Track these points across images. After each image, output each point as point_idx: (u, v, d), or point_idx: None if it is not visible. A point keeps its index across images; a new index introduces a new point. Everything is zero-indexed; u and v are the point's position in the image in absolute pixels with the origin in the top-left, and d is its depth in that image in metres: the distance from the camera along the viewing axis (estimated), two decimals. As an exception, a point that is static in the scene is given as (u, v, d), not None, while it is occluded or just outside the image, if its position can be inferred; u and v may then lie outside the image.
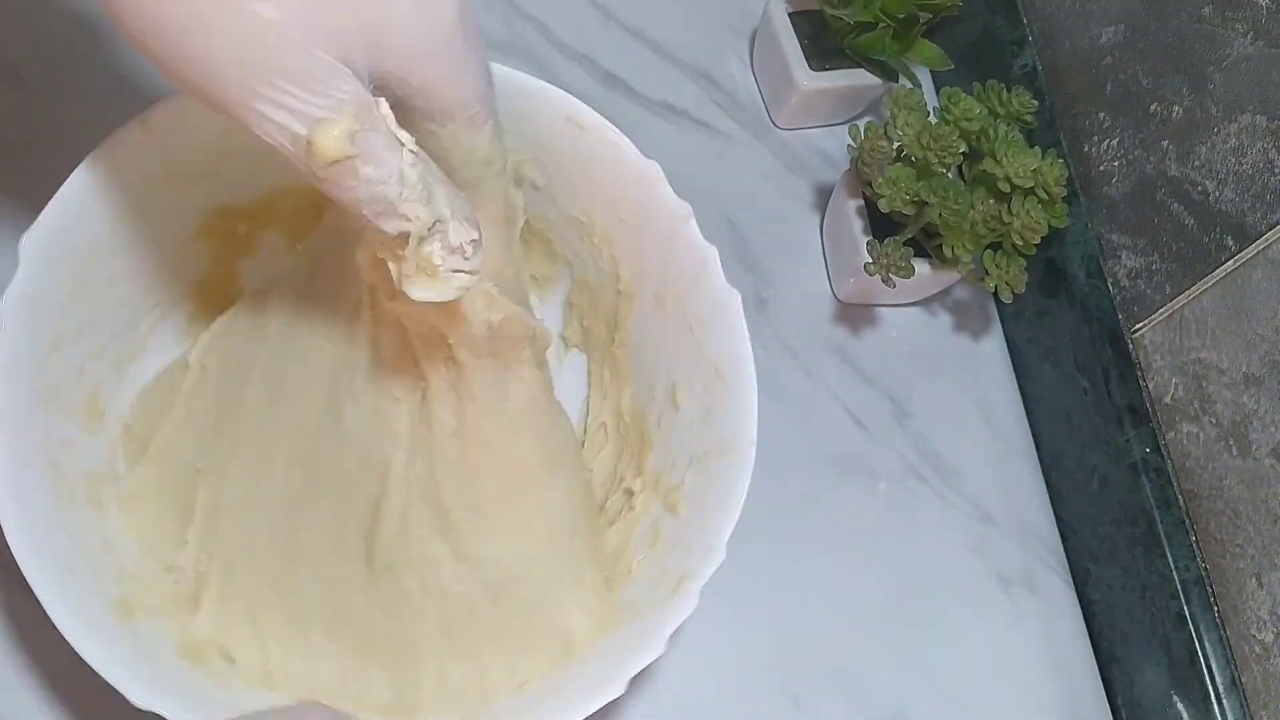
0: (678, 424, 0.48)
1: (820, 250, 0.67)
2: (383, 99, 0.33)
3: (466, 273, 0.35)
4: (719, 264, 0.47)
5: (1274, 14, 0.53)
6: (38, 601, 0.38)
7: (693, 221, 0.48)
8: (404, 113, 0.36)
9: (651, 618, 0.42)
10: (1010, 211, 0.58)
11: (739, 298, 0.47)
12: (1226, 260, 0.56)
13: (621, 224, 0.50)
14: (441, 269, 0.35)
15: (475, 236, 0.35)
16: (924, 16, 0.63)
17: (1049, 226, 0.58)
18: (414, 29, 0.34)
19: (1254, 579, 0.54)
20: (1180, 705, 0.57)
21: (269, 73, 0.31)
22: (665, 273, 0.49)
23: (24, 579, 0.38)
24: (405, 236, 0.34)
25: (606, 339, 0.53)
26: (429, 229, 0.34)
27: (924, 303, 0.68)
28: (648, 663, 0.40)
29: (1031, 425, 0.67)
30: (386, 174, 0.33)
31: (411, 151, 0.33)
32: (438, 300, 0.35)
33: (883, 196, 0.58)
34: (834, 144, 0.70)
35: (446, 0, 0.35)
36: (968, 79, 0.65)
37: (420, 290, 0.35)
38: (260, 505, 0.45)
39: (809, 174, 0.69)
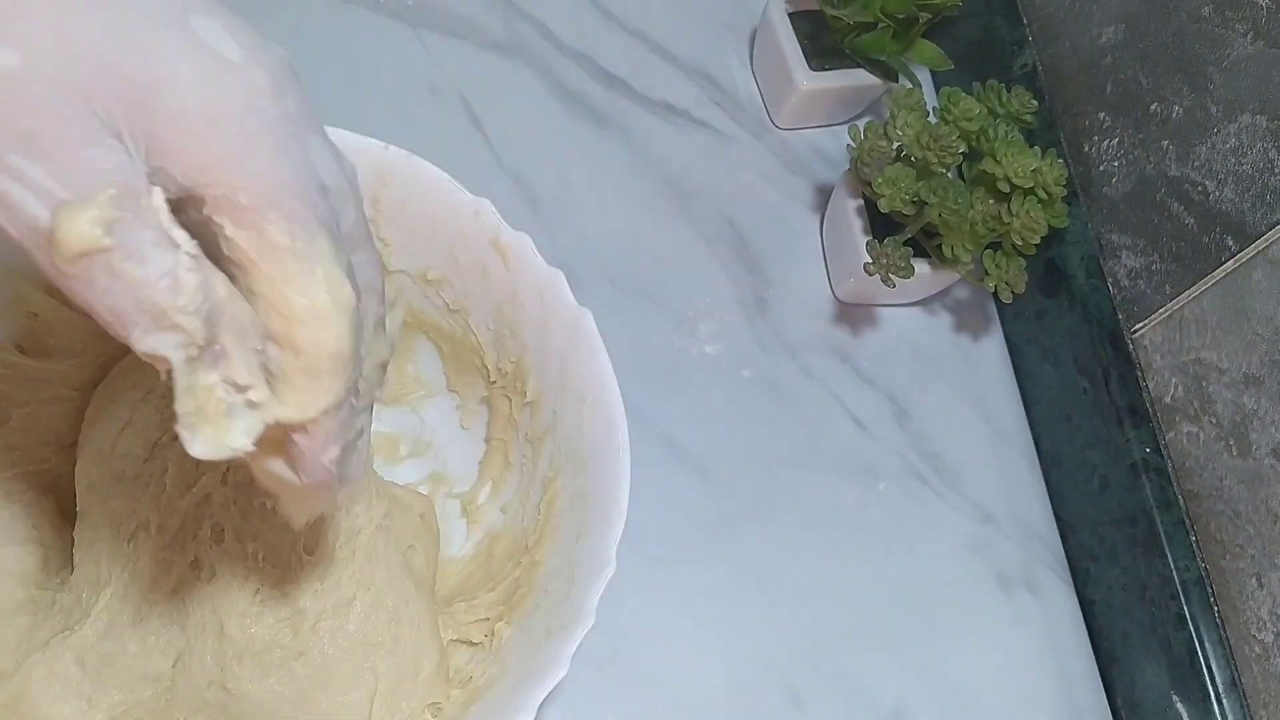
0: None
1: (820, 250, 0.67)
2: (158, 188, 0.26)
3: (255, 420, 0.28)
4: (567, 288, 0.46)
5: (1274, 14, 0.53)
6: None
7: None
8: (208, 231, 0.27)
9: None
10: (1010, 211, 0.58)
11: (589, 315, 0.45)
12: (1226, 260, 0.56)
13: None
14: (224, 410, 0.27)
15: (258, 381, 0.28)
16: (924, 16, 0.63)
17: (1049, 226, 0.58)
18: (196, 94, 0.26)
19: (1254, 579, 0.54)
20: (1180, 705, 0.57)
21: (4, 137, 0.25)
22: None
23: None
24: (157, 361, 0.27)
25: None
26: (201, 353, 0.27)
27: (924, 303, 0.68)
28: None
29: (1031, 425, 0.67)
30: (154, 274, 0.26)
31: (190, 255, 0.26)
32: (214, 456, 0.27)
33: (882, 196, 0.58)
34: (833, 144, 0.70)
35: (254, 67, 0.27)
36: (967, 79, 0.65)
37: (199, 439, 0.27)
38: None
39: (809, 174, 0.69)
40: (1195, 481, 0.58)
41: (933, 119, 0.59)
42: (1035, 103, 0.60)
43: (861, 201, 0.63)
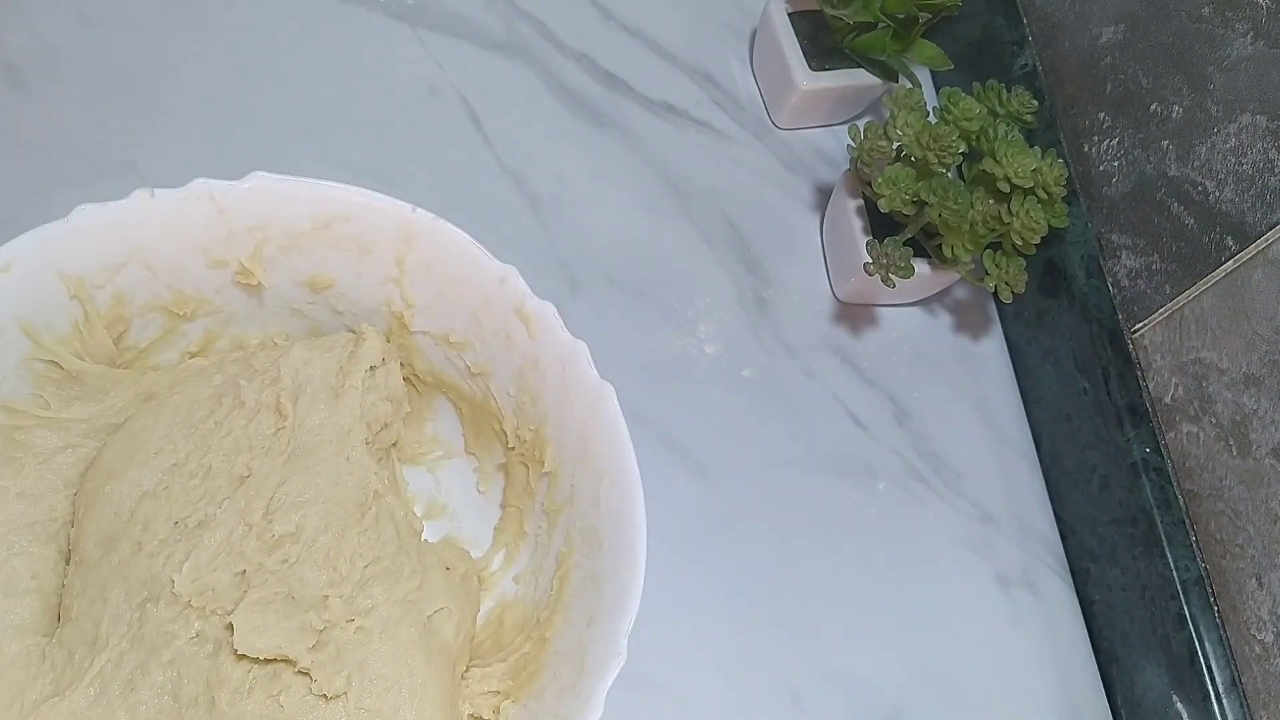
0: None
1: (820, 250, 0.67)
2: None
3: None
4: (589, 360, 0.46)
5: (1274, 14, 0.53)
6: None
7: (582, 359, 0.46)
8: None
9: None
10: (1010, 211, 0.58)
11: (612, 391, 0.45)
12: (1226, 260, 0.56)
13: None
14: None
15: None
16: (924, 16, 0.63)
17: (1049, 226, 0.57)
18: None
19: (1254, 579, 0.54)
20: (1180, 705, 0.57)
21: None
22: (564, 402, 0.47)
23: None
24: None
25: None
26: None
27: (924, 303, 0.68)
28: None
29: (1031, 425, 0.67)
30: None
31: None
32: None
33: (882, 196, 0.58)
34: (834, 144, 0.70)
35: None
36: (967, 79, 0.65)
37: None
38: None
39: (809, 174, 0.69)
40: (1195, 481, 0.58)
41: (933, 119, 0.59)
42: (1035, 103, 0.60)
43: (861, 201, 0.63)
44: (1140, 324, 0.61)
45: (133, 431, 0.45)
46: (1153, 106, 0.60)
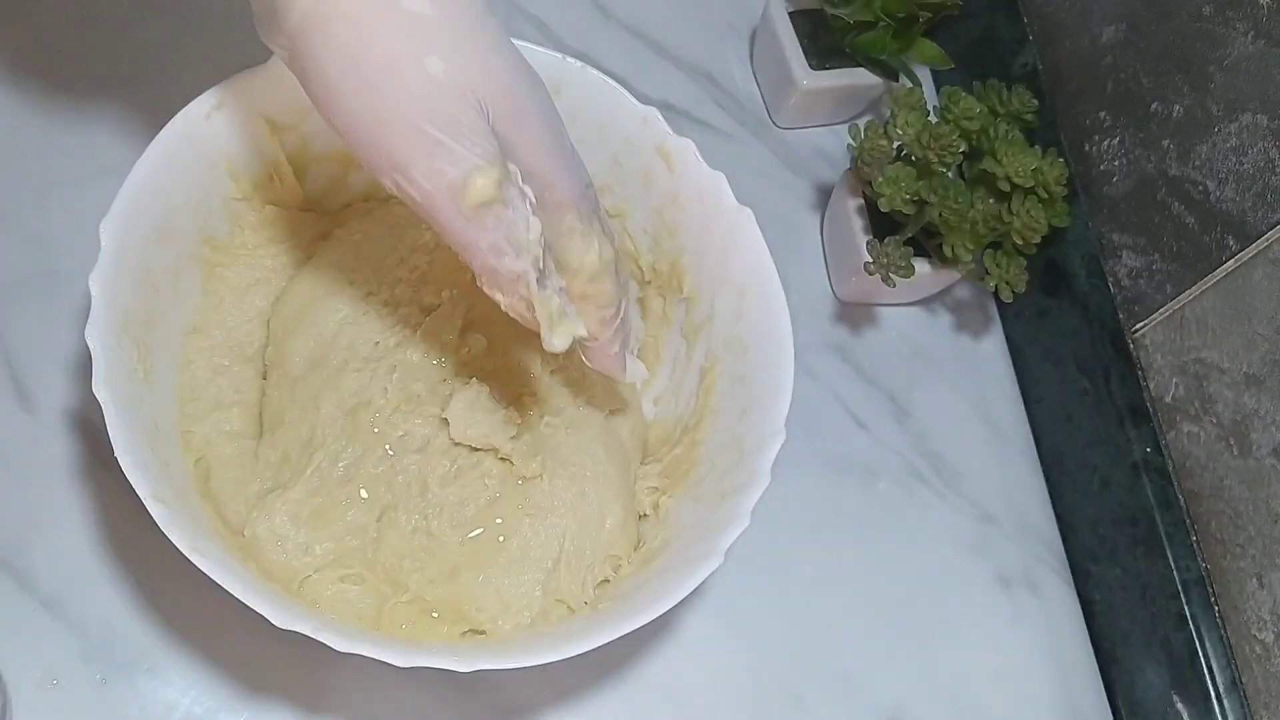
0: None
1: (820, 249, 0.67)
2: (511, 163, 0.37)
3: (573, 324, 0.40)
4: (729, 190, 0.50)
5: (1275, 13, 0.53)
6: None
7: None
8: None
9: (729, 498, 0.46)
10: (1011, 211, 0.58)
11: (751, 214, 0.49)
12: (1227, 260, 0.55)
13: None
14: (562, 313, 0.39)
15: (562, 285, 0.40)
16: (924, 15, 0.63)
17: (1049, 226, 0.57)
18: (541, 117, 0.39)
19: (1255, 579, 0.54)
20: (1180, 706, 0.57)
21: (435, 121, 0.35)
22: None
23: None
24: (519, 282, 0.38)
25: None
26: (540, 275, 0.38)
27: (924, 302, 0.67)
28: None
29: (1032, 425, 0.66)
30: (519, 217, 0.37)
31: (533, 204, 0.38)
32: (565, 347, 0.39)
33: (883, 196, 0.58)
34: (834, 143, 0.70)
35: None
36: (968, 78, 0.64)
37: (561, 340, 0.39)
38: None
39: (809, 173, 0.69)
40: (1196, 481, 0.58)
41: (933, 118, 0.59)
42: (1036, 102, 0.60)
43: (862, 201, 0.63)
44: (1141, 323, 0.61)
45: (322, 265, 0.50)
46: (1153, 106, 0.60)
